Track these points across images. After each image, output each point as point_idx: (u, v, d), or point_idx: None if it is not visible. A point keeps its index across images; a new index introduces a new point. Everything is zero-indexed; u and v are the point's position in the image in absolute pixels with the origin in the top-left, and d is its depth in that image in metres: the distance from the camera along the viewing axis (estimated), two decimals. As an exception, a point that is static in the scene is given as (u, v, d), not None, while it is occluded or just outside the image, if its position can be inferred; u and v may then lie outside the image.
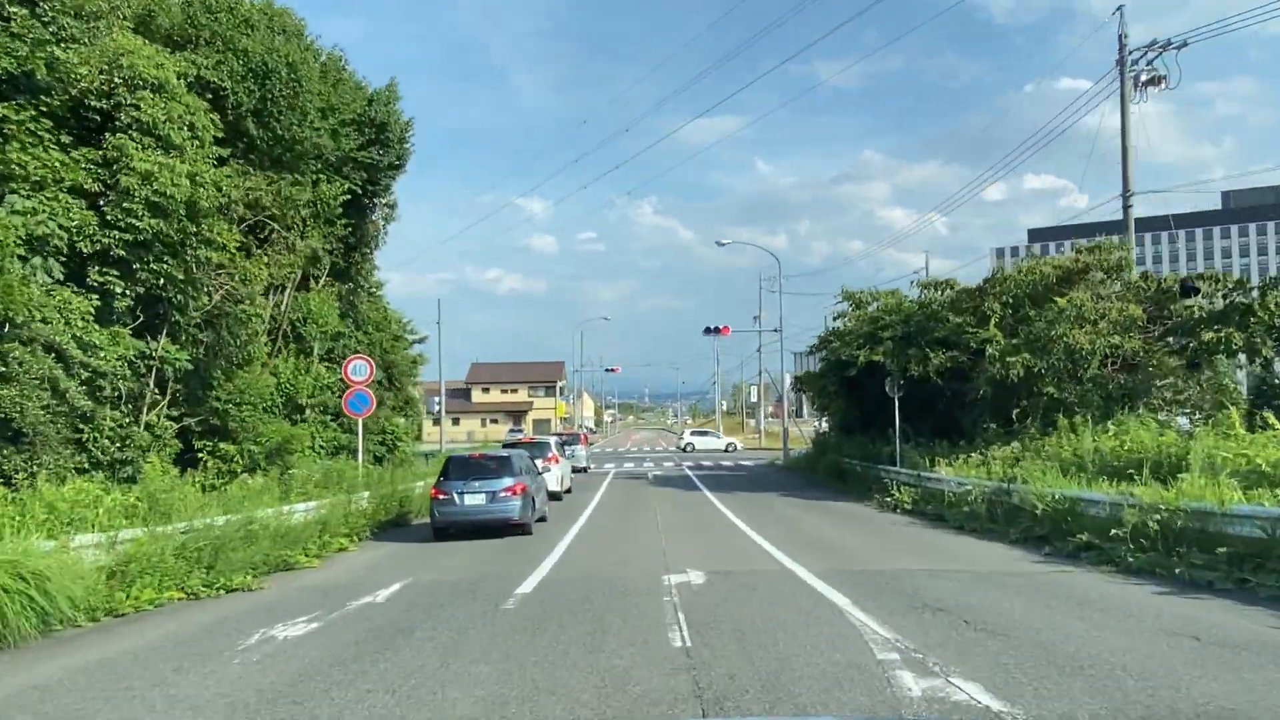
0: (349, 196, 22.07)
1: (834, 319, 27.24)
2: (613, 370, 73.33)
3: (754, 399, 72.26)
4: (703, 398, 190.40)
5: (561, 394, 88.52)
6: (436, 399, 40.23)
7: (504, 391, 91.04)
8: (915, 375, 22.69)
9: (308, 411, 24.98)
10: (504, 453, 17.73)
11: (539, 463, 23.12)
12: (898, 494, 20.53)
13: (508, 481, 15.66)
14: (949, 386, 23.14)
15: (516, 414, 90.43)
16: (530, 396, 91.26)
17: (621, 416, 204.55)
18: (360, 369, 18.72)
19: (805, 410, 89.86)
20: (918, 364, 22.66)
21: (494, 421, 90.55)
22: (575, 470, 36.62)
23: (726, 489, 27.32)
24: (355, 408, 18.67)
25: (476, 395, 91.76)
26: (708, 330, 40.15)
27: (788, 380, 40.60)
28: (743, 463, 43.13)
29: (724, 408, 78.67)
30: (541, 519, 18.20)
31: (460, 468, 16.16)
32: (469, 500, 15.46)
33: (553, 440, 25.31)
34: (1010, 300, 22.02)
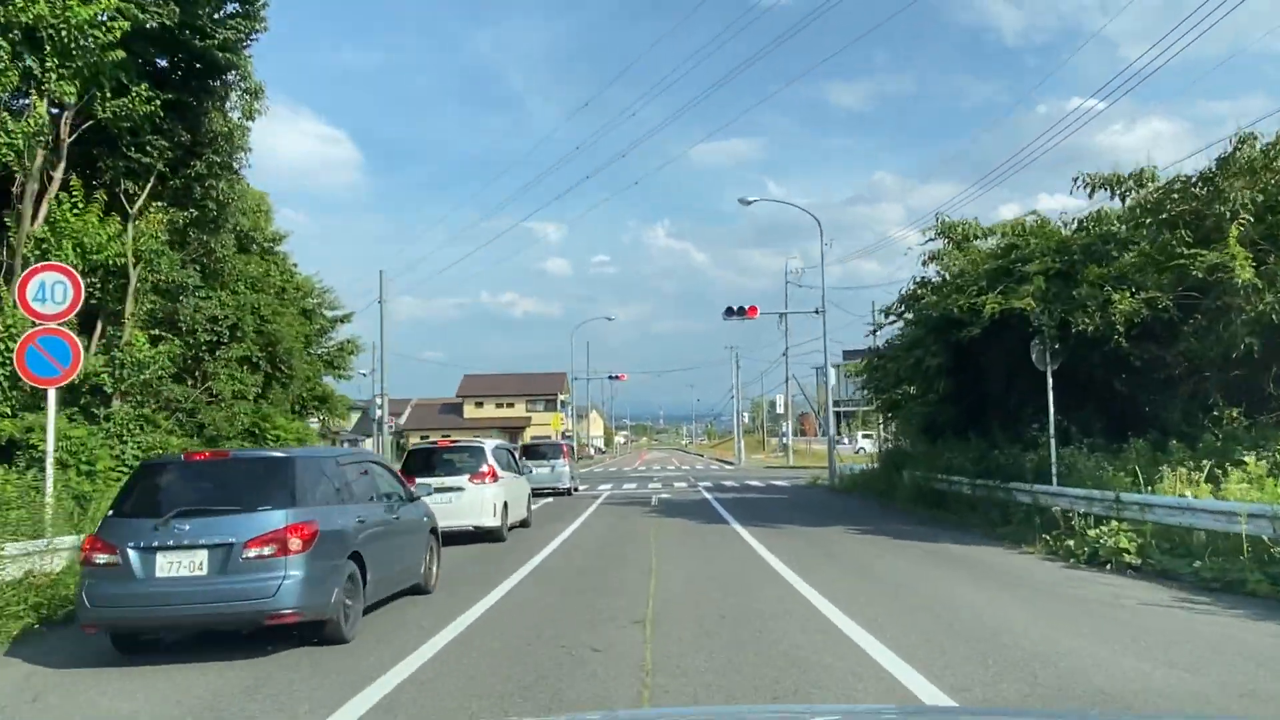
0: (129, 31, 13.08)
1: (924, 262, 18.01)
2: (618, 378, 64.05)
3: (779, 410, 62.89)
4: (718, 419, 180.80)
5: (563, 408, 79.30)
6: (379, 401, 31.17)
7: (499, 406, 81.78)
8: (1089, 332, 13.48)
9: (118, 403, 16.14)
10: (281, 453, 8.40)
11: (458, 481, 14.08)
12: (1099, 534, 11.18)
13: (270, 522, 6.40)
14: (1138, 352, 13.90)
15: (513, 430, 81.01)
16: (529, 411, 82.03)
17: (635, 438, 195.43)
18: (50, 290, 9.48)
19: (832, 427, 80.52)
20: (1092, 314, 13.47)
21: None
22: (554, 492, 27.57)
23: (765, 519, 18.10)
24: (38, 366, 9.45)
25: (469, 410, 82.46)
26: (729, 312, 30.94)
27: (832, 376, 31.44)
28: (775, 483, 33.79)
29: (746, 420, 69.32)
30: (415, 591, 9.04)
31: (168, 484, 6.95)
32: (165, 567, 6.25)
33: (489, 447, 15.86)
34: (1259, 198, 12.77)
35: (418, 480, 14.16)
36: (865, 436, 62.91)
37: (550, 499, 26.43)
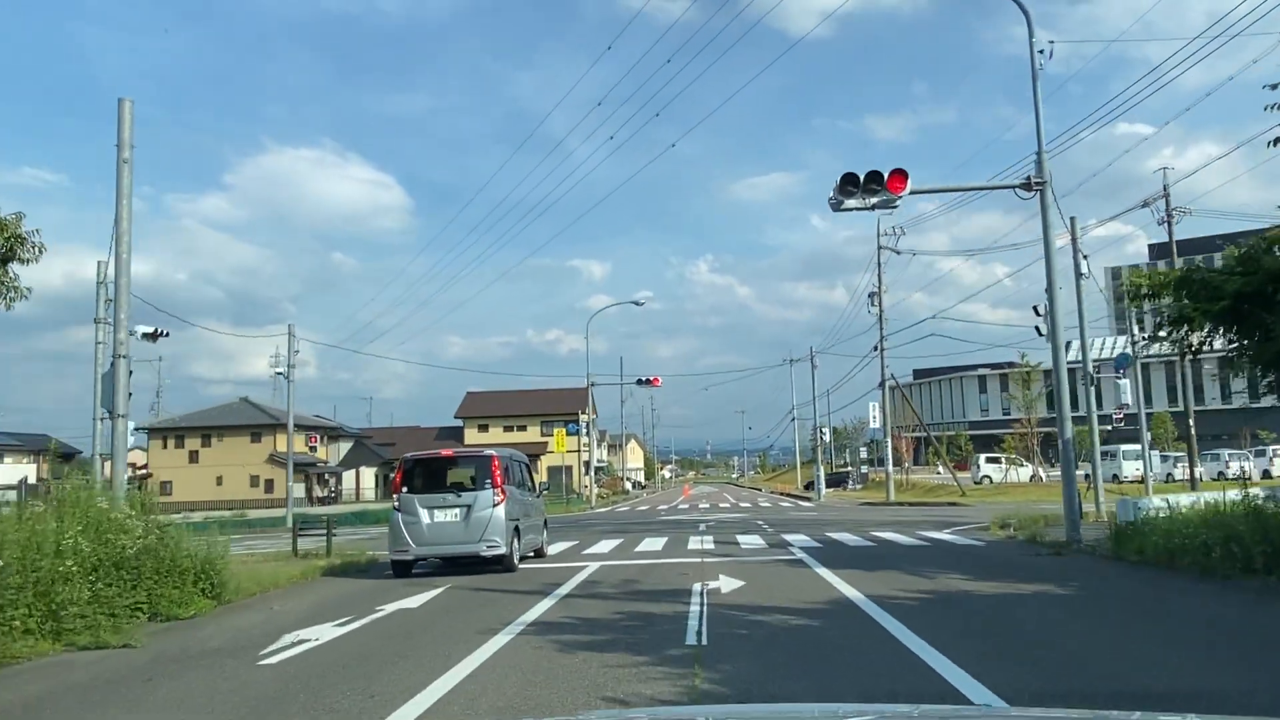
0: None
1: None
2: (651, 382, 48.47)
3: (873, 423, 46.42)
4: (769, 450, 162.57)
5: (582, 427, 63.42)
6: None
7: (508, 429, 66.03)
8: None
9: None
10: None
11: None
12: None
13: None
14: None
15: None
16: (545, 435, 66.50)
17: (681, 472, 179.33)
18: None
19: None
20: None
21: (493, 470, 65.79)
22: (470, 560, 12.00)
23: None
24: None
25: (471, 435, 66.81)
26: (849, 186, 15.10)
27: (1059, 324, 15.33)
28: (932, 535, 17.61)
29: (822, 440, 52.45)
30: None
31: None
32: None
33: None
34: None
35: None
36: (990, 461, 46.26)
37: (440, 588, 10.68)
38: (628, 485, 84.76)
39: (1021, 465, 44.19)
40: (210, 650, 7.26)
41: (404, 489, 12.78)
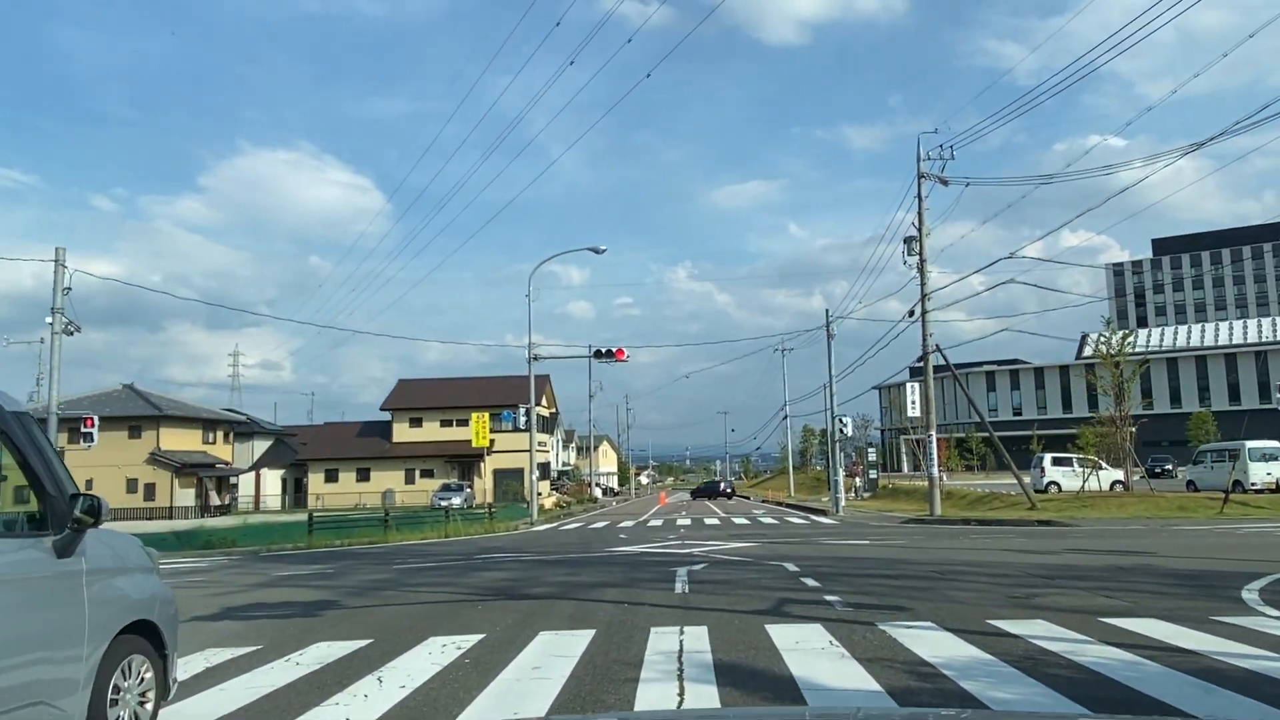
0: None
1: None
2: (615, 355, 37.36)
3: (913, 410, 35.34)
4: (751, 456, 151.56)
5: (550, 426, 52.18)
6: None
7: (445, 425, 54.77)
8: None
9: None
10: None
11: None
12: None
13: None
14: None
15: (465, 461, 53.99)
16: (493, 431, 55.45)
17: (659, 477, 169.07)
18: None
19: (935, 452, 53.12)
20: None
21: (427, 474, 54.00)
22: None
23: None
24: None
25: (400, 432, 55.46)
26: None
27: None
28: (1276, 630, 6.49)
29: (842, 434, 41.13)
30: None
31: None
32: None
33: None
34: None
35: None
36: (1058, 463, 35.43)
37: None
38: (597, 492, 73.64)
39: (1100, 468, 33.40)
40: None
41: None
